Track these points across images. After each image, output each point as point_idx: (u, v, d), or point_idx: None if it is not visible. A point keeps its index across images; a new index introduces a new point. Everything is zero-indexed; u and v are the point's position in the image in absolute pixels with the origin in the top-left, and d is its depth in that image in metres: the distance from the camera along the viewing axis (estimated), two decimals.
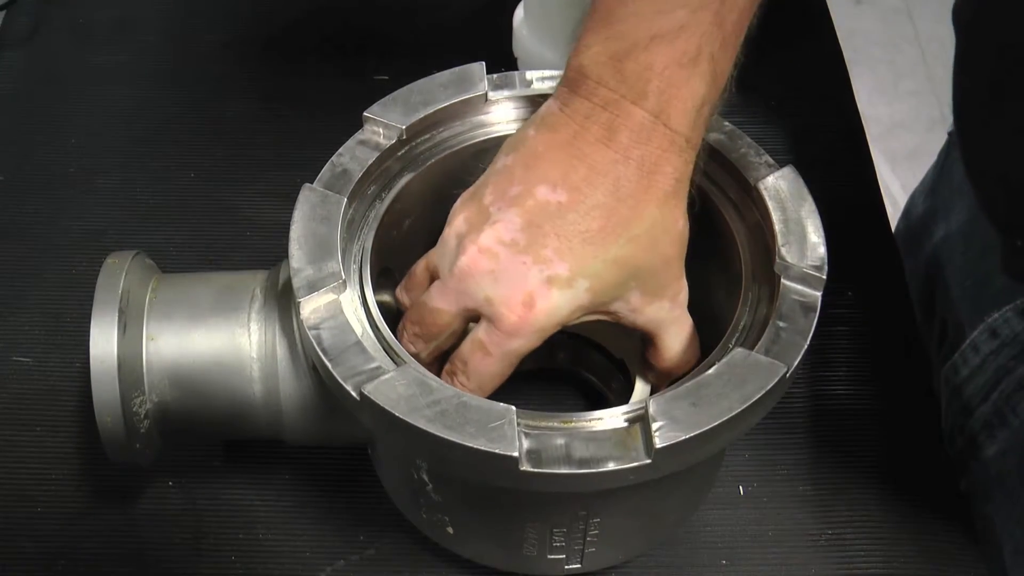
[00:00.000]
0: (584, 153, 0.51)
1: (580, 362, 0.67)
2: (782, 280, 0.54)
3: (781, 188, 0.57)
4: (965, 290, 0.72)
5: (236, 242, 0.76)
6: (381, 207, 0.58)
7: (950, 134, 0.79)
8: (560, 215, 0.51)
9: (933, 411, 0.70)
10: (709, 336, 0.62)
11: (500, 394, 0.65)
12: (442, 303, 0.54)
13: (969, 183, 0.64)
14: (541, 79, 0.61)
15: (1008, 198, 0.60)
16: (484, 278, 0.52)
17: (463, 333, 0.55)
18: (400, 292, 0.58)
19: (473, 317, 0.54)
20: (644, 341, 0.58)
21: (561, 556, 0.57)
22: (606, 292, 0.53)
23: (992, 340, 0.68)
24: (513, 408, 0.49)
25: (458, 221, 0.54)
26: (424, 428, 0.48)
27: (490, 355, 0.53)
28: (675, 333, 0.57)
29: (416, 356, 0.55)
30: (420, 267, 0.57)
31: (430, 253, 0.56)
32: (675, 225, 0.53)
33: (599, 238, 0.51)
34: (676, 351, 0.57)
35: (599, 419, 0.50)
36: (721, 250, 0.59)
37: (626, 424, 0.50)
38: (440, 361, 0.57)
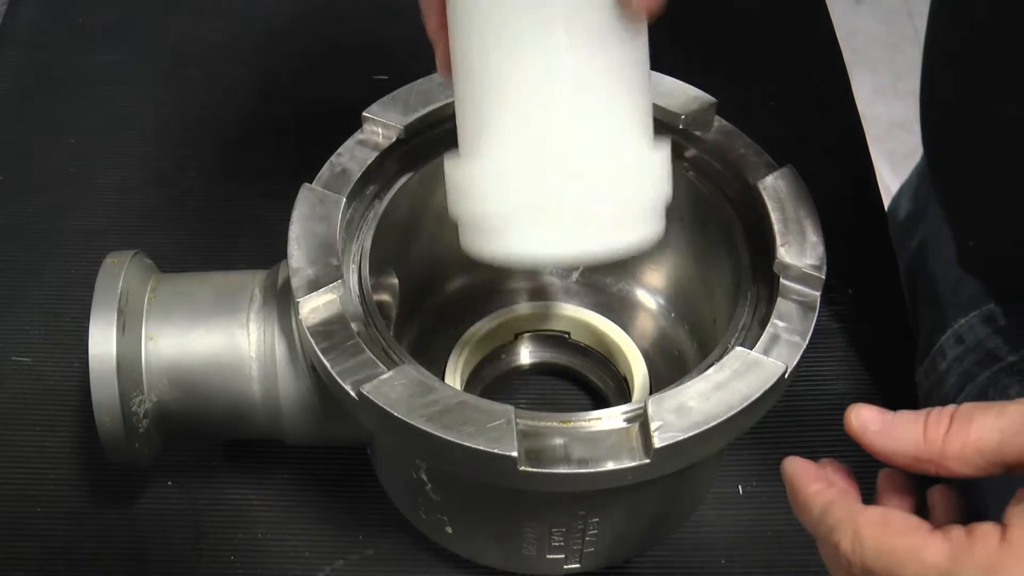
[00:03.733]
0: None
1: (579, 362, 0.67)
2: (781, 280, 0.54)
3: (780, 188, 0.57)
4: (937, 295, 0.72)
5: (236, 242, 0.76)
6: (380, 207, 0.58)
7: None
8: None
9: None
10: (709, 336, 0.62)
11: (499, 394, 0.65)
12: None
13: (932, 182, 0.64)
14: None
15: (973, 201, 0.61)
16: None
17: None
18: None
19: None
20: None
21: (560, 556, 0.57)
22: None
23: (958, 346, 0.68)
24: (512, 408, 0.49)
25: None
26: (423, 428, 0.48)
27: None
28: None
29: None
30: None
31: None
32: None
33: None
34: None
35: (598, 419, 0.50)
36: (720, 250, 0.59)
37: (625, 424, 0.50)
38: None
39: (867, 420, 0.45)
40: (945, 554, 0.40)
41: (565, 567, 0.58)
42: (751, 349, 0.51)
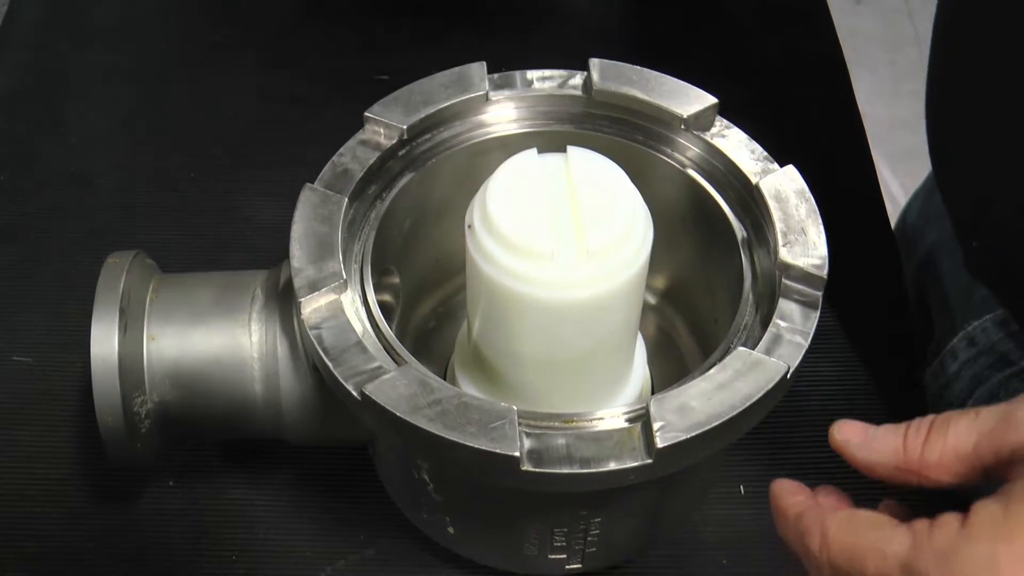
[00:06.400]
0: None
1: None
2: (783, 280, 0.54)
3: (781, 188, 0.57)
4: (950, 297, 0.72)
5: (236, 242, 0.76)
6: (382, 207, 0.58)
7: None
8: None
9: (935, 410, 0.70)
10: (709, 336, 0.62)
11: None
12: None
13: (937, 183, 0.65)
14: (542, 79, 0.61)
15: (973, 200, 0.61)
16: None
17: None
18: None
19: None
20: None
21: (562, 556, 0.57)
22: None
23: (970, 348, 0.68)
24: (514, 408, 0.49)
25: None
26: (425, 428, 0.48)
27: None
28: None
29: None
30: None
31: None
32: None
33: None
34: None
35: (600, 419, 0.50)
36: (722, 250, 0.59)
37: (627, 424, 0.50)
38: None
39: (849, 434, 0.45)
40: (906, 545, 0.40)
41: (567, 567, 0.58)
42: (753, 349, 0.51)
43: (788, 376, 0.51)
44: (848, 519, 0.43)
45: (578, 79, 0.61)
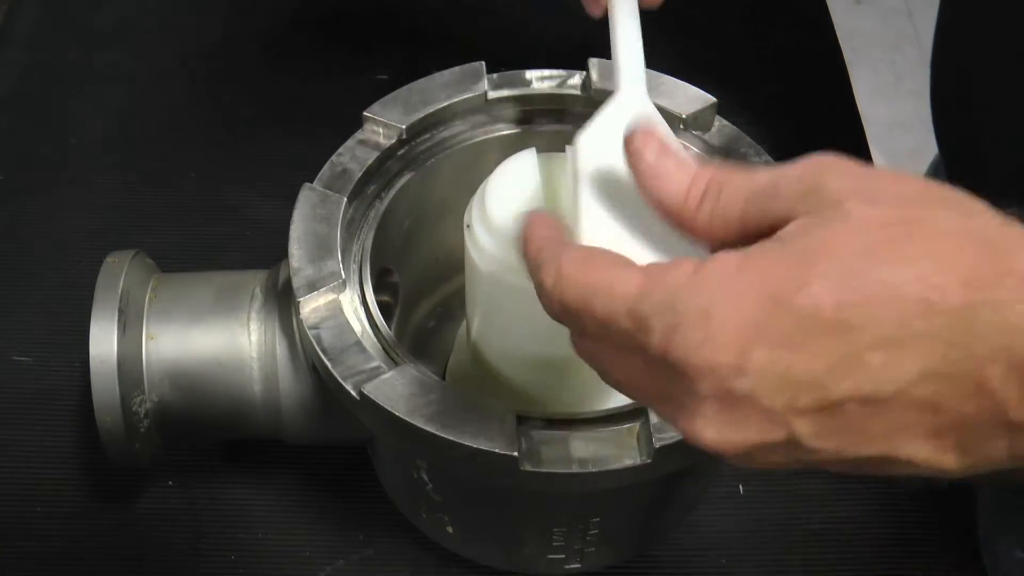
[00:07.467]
0: None
1: None
2: None
3: None
4: None
5: (236, 242, 0.76)
6: (381, 207, 0.58)
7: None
8: None
9: None
10: None
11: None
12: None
13: (942, 158, 0.64)
14: (541, 78, 0.61)
15: (974, 166, 0.60)
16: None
17: None
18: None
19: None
20: None
21: (561, 556, 0.57)
22: None
23: None
24: (513, 408, 0.49)
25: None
26: (423, 428, 0.48)
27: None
28: None
29: None
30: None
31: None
32: None
33: None
34: None
35: (599, 419, 0.50)
36: None
37: (625, 424, 0.50)
38: None
39: (646, 143, 0.40)
40: (635, 284, 0.37)
41: (566, 567, 0.58)
42: None
43: None
44: (584, 256, 0.39)
45: (577, 79, 0.61)
